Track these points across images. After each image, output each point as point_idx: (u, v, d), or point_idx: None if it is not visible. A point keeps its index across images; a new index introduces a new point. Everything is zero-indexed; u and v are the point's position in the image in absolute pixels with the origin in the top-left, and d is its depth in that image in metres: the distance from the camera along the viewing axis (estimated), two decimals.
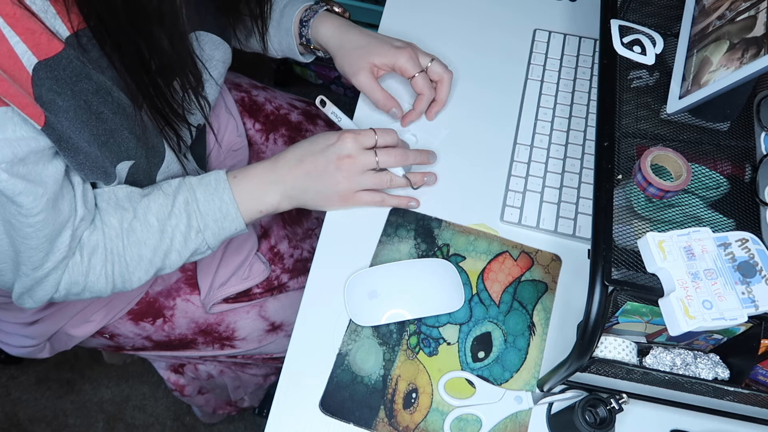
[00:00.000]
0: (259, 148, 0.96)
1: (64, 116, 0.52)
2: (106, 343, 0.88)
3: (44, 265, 0.59)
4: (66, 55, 0.50)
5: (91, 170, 0.58)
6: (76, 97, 0.52)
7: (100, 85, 0.54)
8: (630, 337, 0.58)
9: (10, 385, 1.39)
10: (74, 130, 0.54)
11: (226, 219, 0.65)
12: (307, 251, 0.93)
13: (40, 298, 0.62)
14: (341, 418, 0.62)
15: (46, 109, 0.50)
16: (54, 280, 0.61)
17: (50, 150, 0.54)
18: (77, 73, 0.51)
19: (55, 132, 0.52)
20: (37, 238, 0.56)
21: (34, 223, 0.55)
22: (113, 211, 0.63)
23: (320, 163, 0.67)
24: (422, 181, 0.72)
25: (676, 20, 0.66)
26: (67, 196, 0.58)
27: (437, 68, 0.76)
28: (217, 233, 0.65)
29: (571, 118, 0.78)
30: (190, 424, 1.36)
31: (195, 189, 0.64)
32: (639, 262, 0.50)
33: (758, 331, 0.54)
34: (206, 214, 0.64)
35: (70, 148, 0.54)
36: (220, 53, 0.72)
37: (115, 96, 0.56)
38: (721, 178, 0.60)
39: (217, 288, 0.83)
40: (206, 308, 0.84)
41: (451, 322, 0.67)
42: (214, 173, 0.66)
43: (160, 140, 0.64)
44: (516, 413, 0.62)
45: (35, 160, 0.53)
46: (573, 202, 0.72)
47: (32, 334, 0.82)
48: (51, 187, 0.55)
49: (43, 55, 0.49)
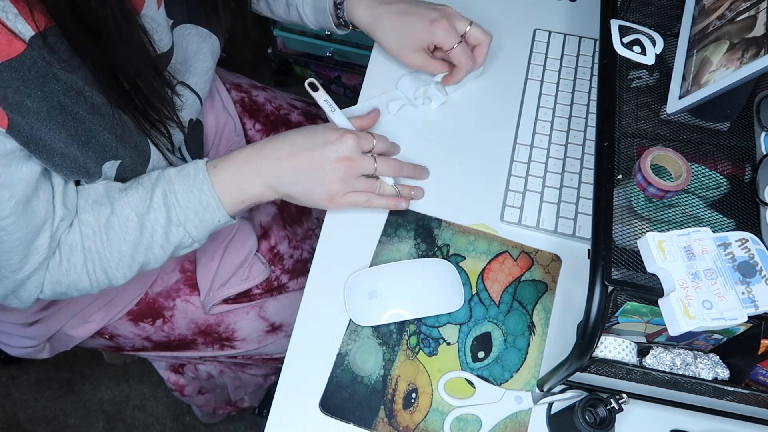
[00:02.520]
0: None
1: (34, 118, 0.51)
2: (106, 343, 0.88)
3: (24, 268, 0.58)
4: (29, 56, 0.49)
5: (70, 171, 0.57)
6: (48, 98, 0.51)
7: (69, 85, 0.52)
8: (630, 337, 0.58)
9: (10, 385, 1.39)
10: (47, 131, 0.52)
11: (207, 211, 0.63)
12: (307, 252, 0.93)
13: (26, 299, 0.61)
14: (341, 418, 0.62)
15: (12, 111, 0.49)
16: (36, 281, 0.60)
17: (20, 152, 0.53)
18: (43, 73, 0.50)
19: (23, 134, 0.51)
20: (10, 242, 0.55)
21: (5, 227, 0.54)
22: (90, 209, 0.62)
23: (317, 159, 0.65)
24: (410, 195, 0.71)
25: (676, 20, 0.66)
26: (43, 198, 0.57)
27: (476, 33, 0.74)
28: (199, 226, 0.64)
29: (571, 118, 0.78)
30: (190, 424, 1.36)
31: (173, 181, 0.63)
32: (639, 262, 0.50)
33: (758, 331, 0.54)
34: (186, 207, 0.62)
35: (42, 150, 0.53)
36: (209, 45, 0.71)
37: (88, 96, 0.55)
38: (721, 178, 0.60)
39: (217, 289, 0.83)
40: (206, 309, 0.84)
41: (451, 322, 0.67)
42: (193, 163, 0.64)
43: (144, 139, 0.63)
44: (516, 413, 0.62)
45: (4, 162, 0.52)
46: (573, 202, 0.72)
47: (32, 334, 0.82)
48: (21, 189, 0.54)
49: (5, 56, 0.47)
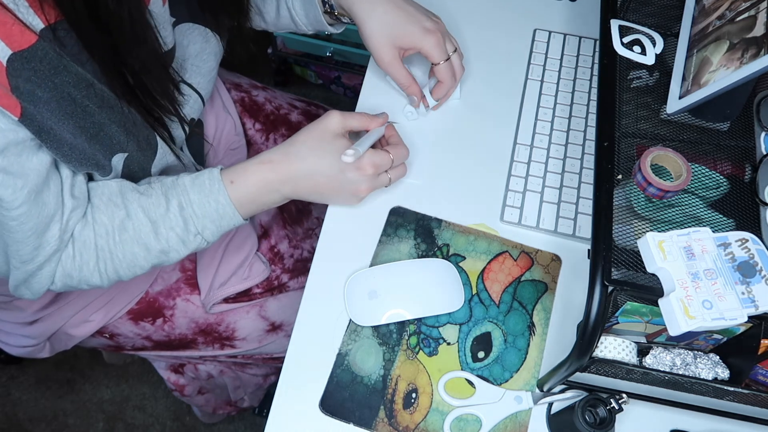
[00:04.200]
0: (259, 147, 0.96)
1: (45, 107, 0.52)
2: (106, 342, 0.88)
3: (35, 259, 0.59)
4: (41, 47, 0.50)
5: (79, 162, 0.58)
6: (58, 89, 0.52)
7: (79, 77, 0.53)
8: (630, 337, 0.58)
9: (10, 385, 1.39)
10: (56, 121, 0.53)
11: (224, 219, 0.64)
12: (307, 251, 0.93)
13: (37, 290, 0.62)
14: (341, 418, 0.62)
15: (24, 100, 0.50)
16: (48, 272, 0.61)
17: (32, 142, 0.54)
18: (55, 65, 0.51)
19: (35, 123, 0.52)
20: (21, 231, 0.56)
21: (17, 216, 0.54)
22: (105, 208, 0.62)
23: (334, 187, 0.67)
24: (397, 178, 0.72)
25: (676, 20, 0.66)
26: (53, 189, 0.58)
27: (457, 61, 0.75)
28: (216, 232, 0.65)
29: (571, 118, 0.78)
30: (190, 424, 1.36)
31: (189, 191, 0.63)
32: (639, 262, 0.50)
33: (758, 331, 0.54)
34: (203, 217, 0.63)
35: (52, 140, 0.54)
36: (211, 46, 0.72)
37: (98, 89, 0.55)
38: (721, 178, 0.60)
39: (217, 288, 0.83)
40: (206, 308, 0.84)
41: (451, 322, 0.67)
42: (207, 172, 0.64)
43: (152, 133, 0.64)
44: (516, 413, 0.62)
45: (16, 152, 0.52)
46: (573, 202, 0.72)
47: (32, 333, 0.82)
48: (33, 179, 0.54)
49: (17, 46, 0.48)
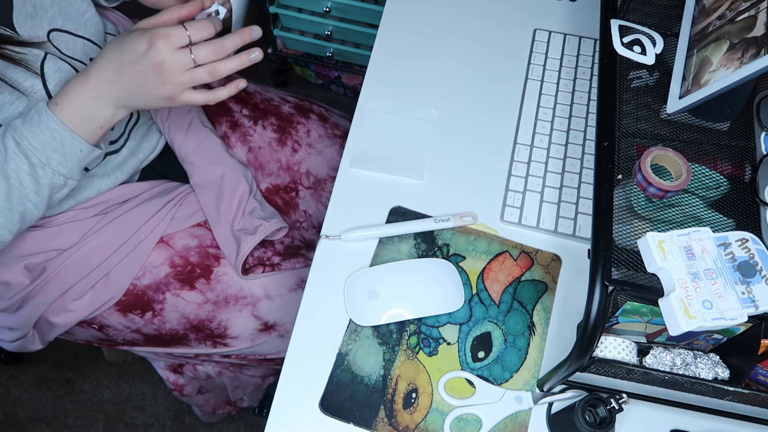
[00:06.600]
0: (246, 130, 0.95)
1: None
2: (97, 335, 0.88)
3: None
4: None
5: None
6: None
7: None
8: (630, 337, 0.58)
9: (10, 385, 1.39)
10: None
11: (65, 145, 0.64)
12: (298, 240, 0.93)
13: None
14: (341, 418, 0.62)
15: None
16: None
17: None
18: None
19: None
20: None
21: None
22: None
23: (138, 72, 0.65)
24: (249, 61, 0.68)
25: (676, 20, 0.66)
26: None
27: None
28: (64, 161, 0.65)
29: (571, 118, 0.78)
30: (190, 424, 1.36)
31: (21, 128, 0.64)
32: (639, 262, 0.50)
33: (758, 331, 0.54)
34: (42, 147, 0.64)
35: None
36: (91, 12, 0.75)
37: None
38: (721, 178, 0.60)
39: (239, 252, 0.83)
40: (239, 274, 0.84)
41: (451, 322, 0.67)
42: (33, 107, 0.65)
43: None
44: (516, 413, 0.62)
45: None
46: (573, 202, 0.72)
47: (15, 323, 0.82)
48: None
49: None
